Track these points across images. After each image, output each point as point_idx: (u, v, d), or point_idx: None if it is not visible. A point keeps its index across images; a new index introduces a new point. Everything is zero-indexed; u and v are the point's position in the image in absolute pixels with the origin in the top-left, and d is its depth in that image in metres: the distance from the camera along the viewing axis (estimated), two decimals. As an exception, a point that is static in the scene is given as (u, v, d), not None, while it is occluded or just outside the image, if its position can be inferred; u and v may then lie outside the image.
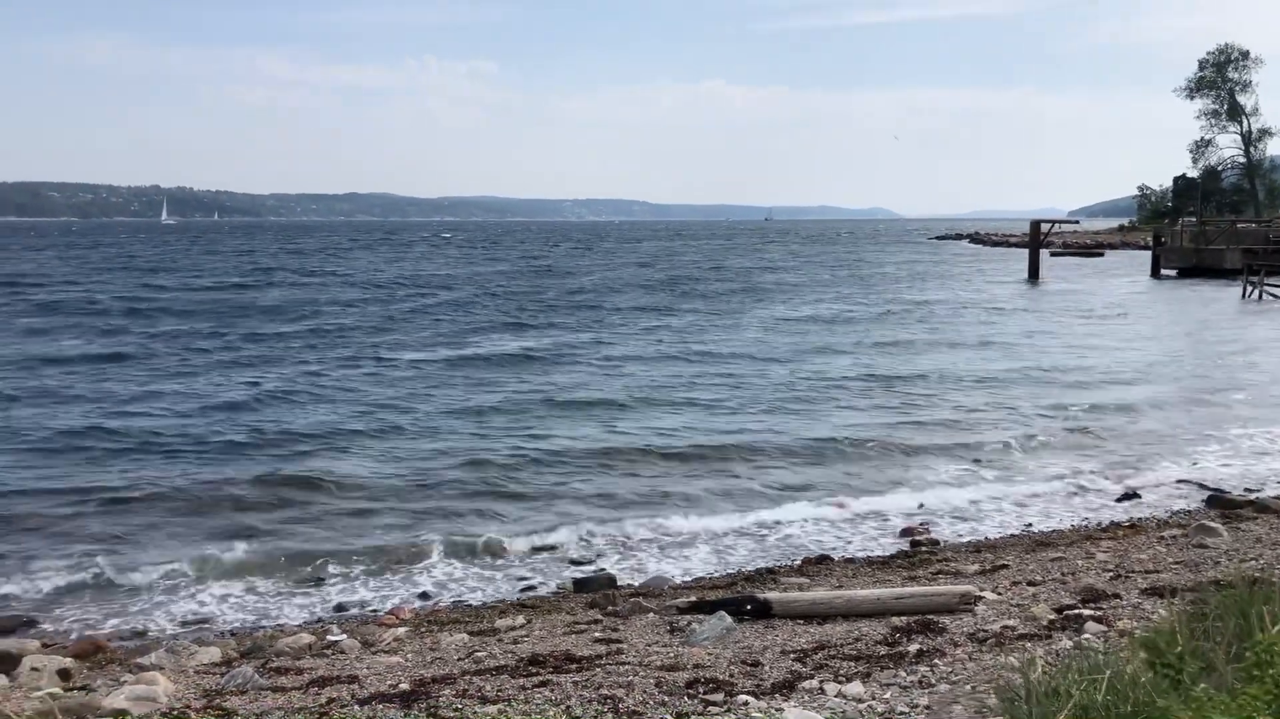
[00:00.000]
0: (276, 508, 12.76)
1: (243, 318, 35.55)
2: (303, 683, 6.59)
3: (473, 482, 13.93)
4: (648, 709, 5.38)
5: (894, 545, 11.53)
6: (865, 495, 13.51)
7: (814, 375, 23.11)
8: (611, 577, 10.47)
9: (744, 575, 10.29)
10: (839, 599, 7.73)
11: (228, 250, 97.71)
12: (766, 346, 28.43)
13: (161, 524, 12.11)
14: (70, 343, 28.68)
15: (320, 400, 19.89)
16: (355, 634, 8.49)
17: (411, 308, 39.77)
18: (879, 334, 31.45)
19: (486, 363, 25.15)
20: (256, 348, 27.94)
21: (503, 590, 10.34)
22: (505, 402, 19.72)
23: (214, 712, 5.88)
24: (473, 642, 7.80)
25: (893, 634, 6.76)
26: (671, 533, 12.02)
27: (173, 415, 18.28)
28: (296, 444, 16.06)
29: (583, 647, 7.15)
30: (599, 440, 16.39)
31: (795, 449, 15.90)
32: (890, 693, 5.46)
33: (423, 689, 6.01)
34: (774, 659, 6.37)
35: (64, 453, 15.42)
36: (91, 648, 8.44)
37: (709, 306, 40.93)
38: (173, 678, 7.01)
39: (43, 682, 7.40)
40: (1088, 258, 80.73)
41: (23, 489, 13.36)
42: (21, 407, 19.01)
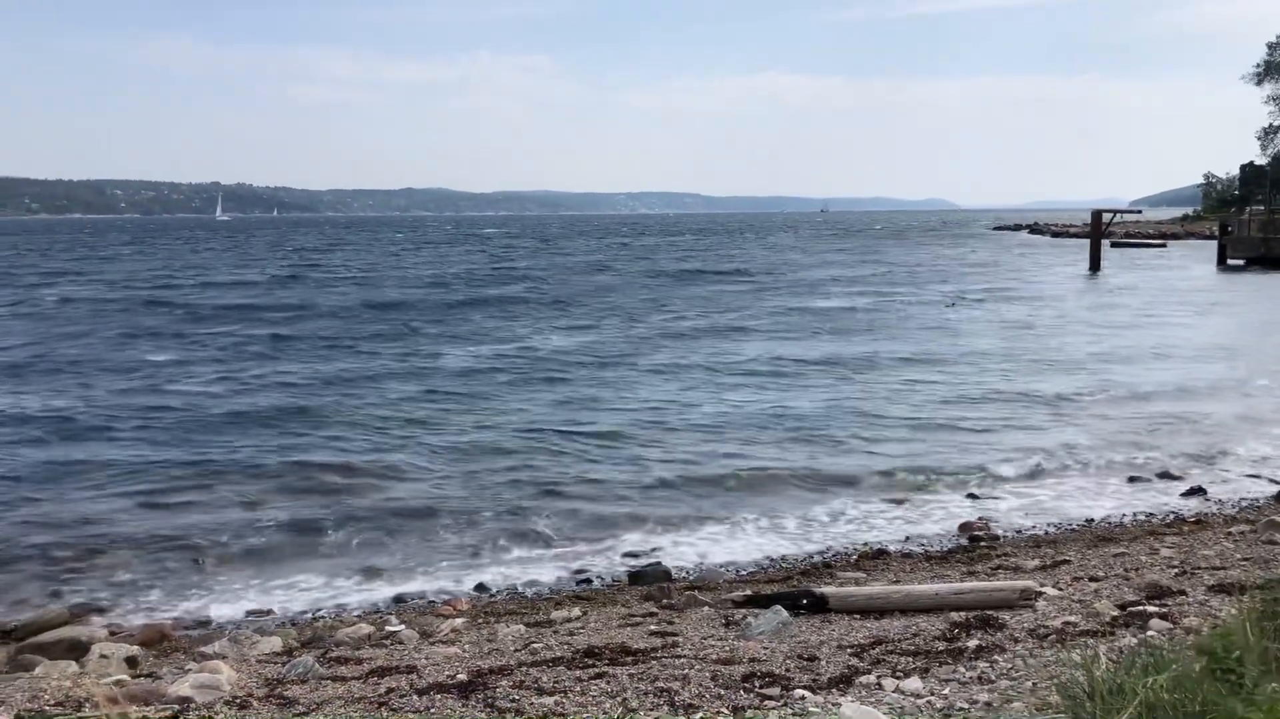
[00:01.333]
0: (335, 499, 12.92)
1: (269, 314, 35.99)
2: (362, 673, 6.67)
3: (528, 474, 14.00)
4: (704, 702, 5.38)
5: (952, 540, 11.41)
6: (923, 489, 13.38)
7: (866, 364, 22.94)
8: (667, 570, 10.47)
9: (800, 570, 10.24)
10: (897, 594, 7.66)
11: (260, 245, 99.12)
12: (830, 339, 28.25)
13: (223, 515, 12.32)
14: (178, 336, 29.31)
15: (373, 394, 20.10)
16: (413, 625, 8.59)
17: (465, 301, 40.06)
18: (942, 323, 31.06)
19: (550, 357, 25.25)
20: (307, 340, 28.34)
21: (558, 582, 10.38)
22: (562, 395, 19.81)
23: (275, 701, 5.97)
24: (529, 633, 7.84)
25: (951, 630, 6.68)
26: (726, 527, 11.99)
27: (228, 403, 18.62)
28: (352, 436, 16.26)
29: (638, 639, 7.15)
30: (652, 433, 16.40)
31: (851, 442, 15.79)
32: (949, 689, 5.40)
33: (480, 680, 6.05)
34: (831, 654, 6.33)
35: (131, 444, 15.76)
36: (157, 636, 8.62)
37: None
38: (235, 667, 7.12)
39: (111, 668, 7.58)
40: (1150, 248, 79.16)
41: (88, 480, 13.68)
42: (82, 396, 19.46)
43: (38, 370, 23.28)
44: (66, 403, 19.18)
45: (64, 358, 25.12)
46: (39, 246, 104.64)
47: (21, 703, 6.29)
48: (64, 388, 20.87)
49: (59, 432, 16.66)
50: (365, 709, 5.59)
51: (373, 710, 5.54)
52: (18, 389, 20.73)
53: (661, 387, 20.80)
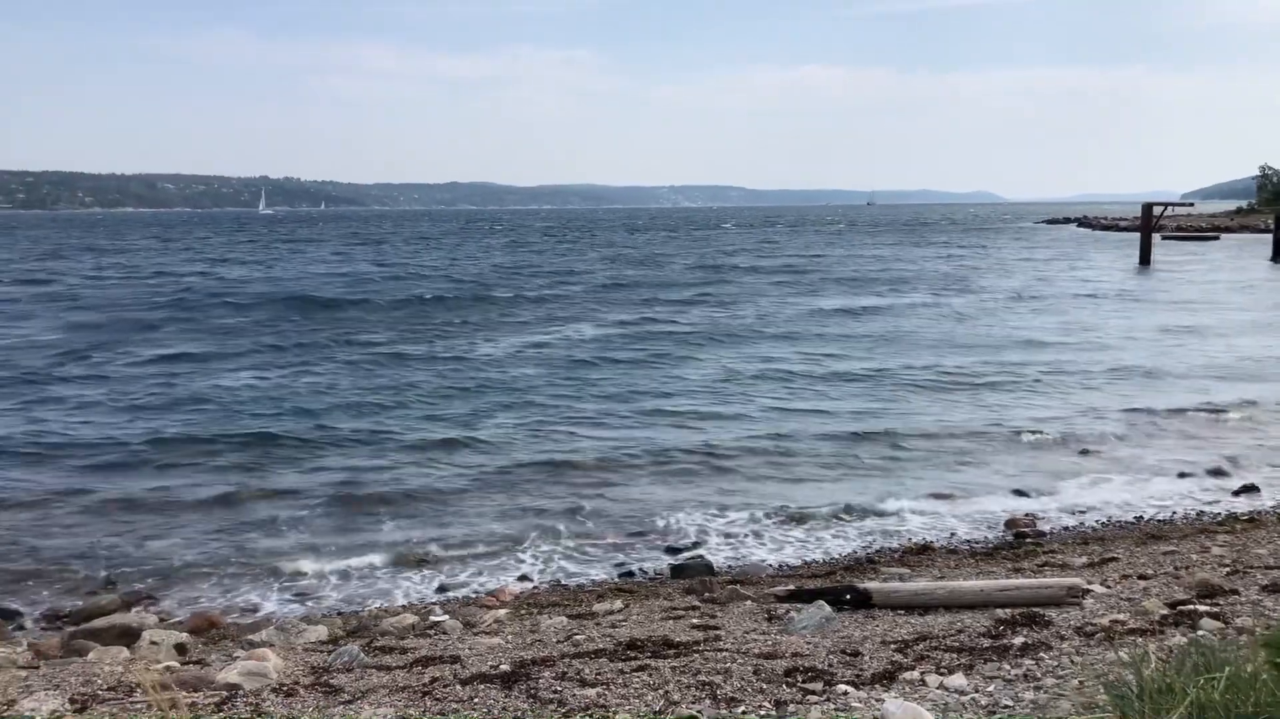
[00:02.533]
0: (380, 491, 13.04)
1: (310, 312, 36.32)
2: (406, 662, 6.72)
3: (571, 468, 14.05)
4: (746, 696, 5.36)
5: (998, 536, 11.30)
6: (969, 484, 13.27)
7: (922, 364, 22.76)
8: (709, 564, 10.46)
9: (843, 565, 10.19)
10: (941, 590, 7.60)
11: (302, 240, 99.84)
12: (875, 336, 28.08)
13: (272, 505, 12.50)
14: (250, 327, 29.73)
15: (420, 387, 20.25)
16: (457, 615, 8.65)
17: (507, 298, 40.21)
18: (1001, 322, 30.61)
19: (596, 350, 25.30)
20: (345, 341, 28.58)
21: (600, 575, 10.42)
22: (605, 389, 19.85)
23: (321, 689, 6.03)
24: (571, 625, 7.87)
25: (996, 626, 6.61)
26: (769, 521, 11.96)
27: (272, 399, 18.85)
28: (397, 430, 16.39)
29: (680, 632, 7.15)
30: (697, 427, 16.39)
31: (895, 438, 15.67)
32: (994, 686, 5.34)
33: (523, 671, 6.08)
34: (874, 649, 6.29)
35: (183, 433, 16.01)
36: (206, 624, 8.76)
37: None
38: (282, 655, 7.21)
39: (161, 655, 7.71)
40: (1202, 242, 77.84)
41: (141, 470, 13.92)
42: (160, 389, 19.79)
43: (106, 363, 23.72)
44: (126, 394, 19.54)
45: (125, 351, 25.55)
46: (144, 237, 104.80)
47: (75, 687, 6.42)
48: (126, 381, 21.25)
49: (114, 423, 16.95)
50: (409, 698, 5.63)
51: (417, 700, 5.58)
52: (85, 379, 21.14)
53: (709, 385, 20.77)
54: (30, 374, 21.75)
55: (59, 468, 14.04)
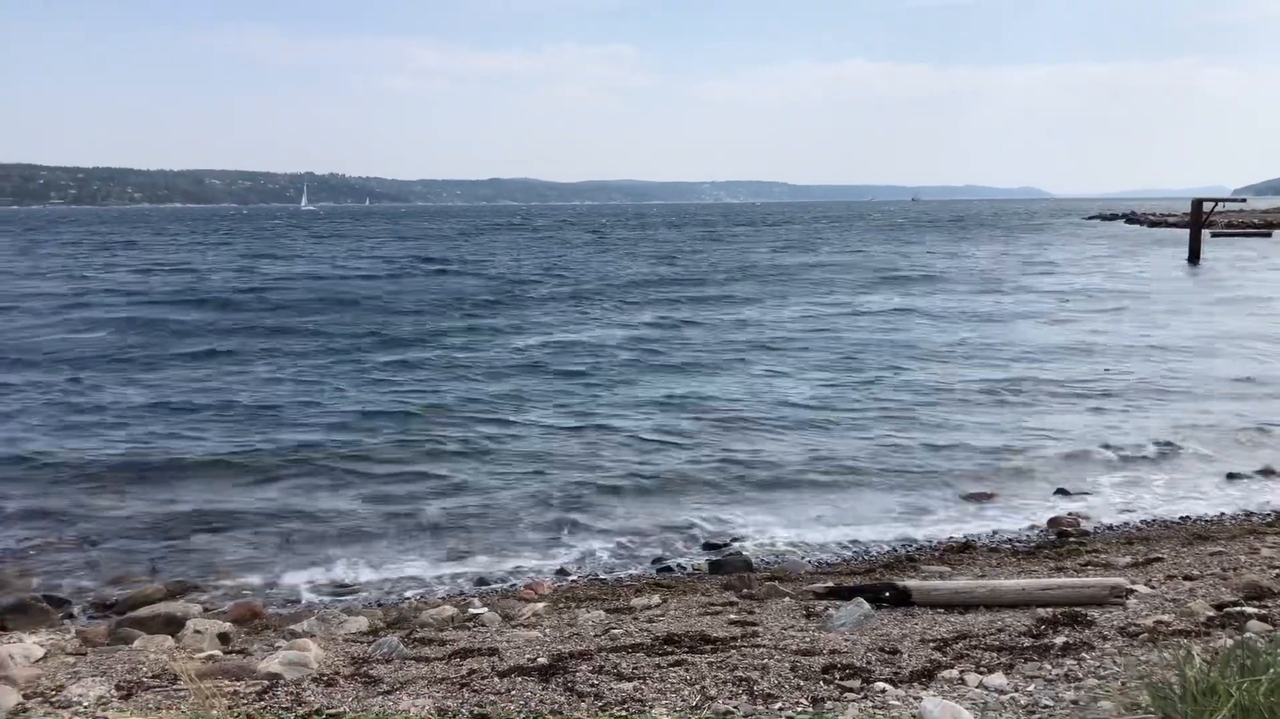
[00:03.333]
0: (420, 484, 13.14)
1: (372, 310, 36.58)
2: (445, 654, 6.77)
3: (609, 461, 14.10)
4: (783, 693, 5.35)
5: (1040, 535, 11.18)
6: (1011, 483, 13.14)
7: (967, 358, 22.56)
8: (747, 559, 10.45)
9: (882, 563, 10.13)
10: (982, 589, 7.53)
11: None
12: (919, 335, 27.88)
13: (312, 498, 12.63)
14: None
15: (461, 379, 20.39)
16: (495, 608, 8.69)
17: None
18: (1044, 323, 30.15)
19: (632, 347, 25.33)
20: (395, 330, 28.81)
21: (638, 570, 10.43)
22: (642, 385, 19.88)
23: (361, 679, 6.09)
24: (609, 619, 7.89)
25: (1038, 626, 6.54)
26: (808, 518, 11.91)
27: (318, 392, 19.06)
28: (439, 420, 16.51)
29: (718, 628, 7.14)
30: (733, 422, 16.36)
31: (937, 434, 15.56)
32: (1034, 685, 5.29)
33: (560, 664, 6.10)
34: (913, 647, 6.24)
35: (236, 422, 16.22)
36: (248, 613, 8.87)
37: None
38: (323, 645, 7.29)
39: (204, 644, 7.82)
40: (1255, 238, 76.36)
41: (185, 462, 14.13)
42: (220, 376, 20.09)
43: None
44: (171, 388, 19.85)
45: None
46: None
47: (122, 674, 6.53)
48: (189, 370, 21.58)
49: (156, 415, 17.21)
50: (448, 690, 5.67)
51: (455, 691, 5.62)
52: (132, 371, 21.50)
53: (753, 378, 20.73)
54: (80, 364, 22.17)
55: (105, 459, 14.26)
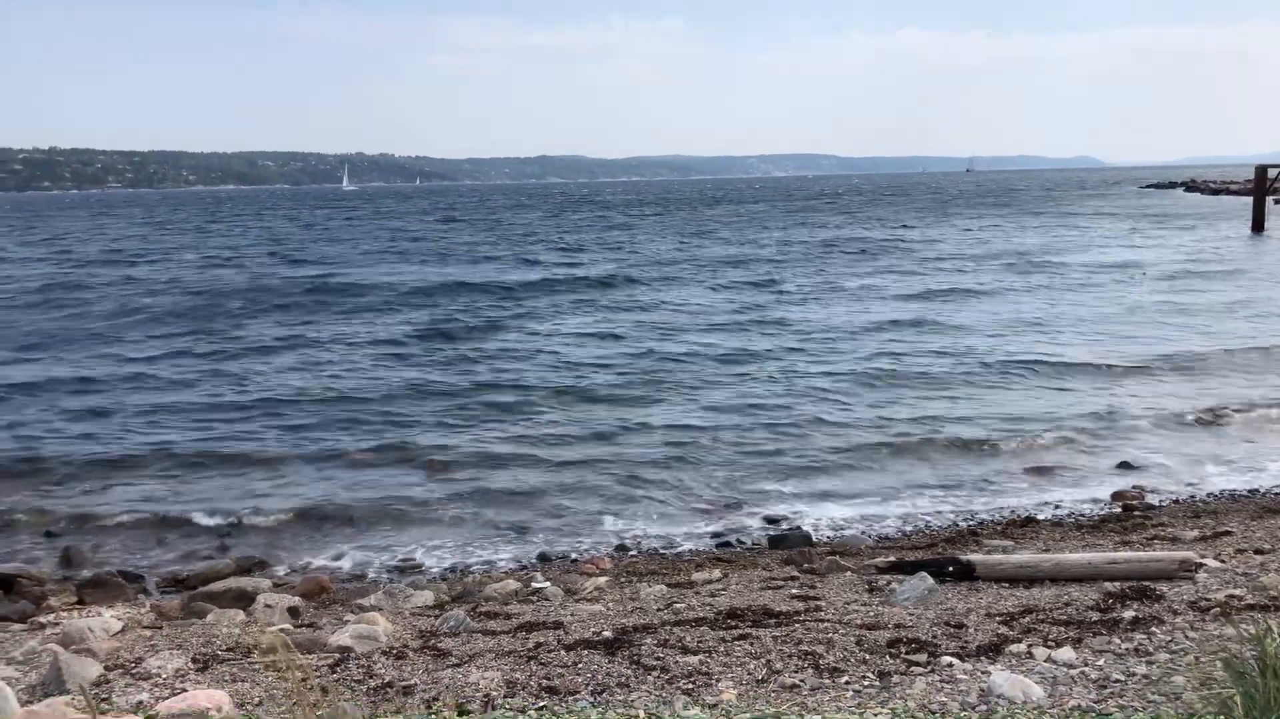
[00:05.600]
0: (480, 459, 13.27)
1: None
2: (511, 627, 6.86)
3: (670, 437, 14.11)
4: (849, 667, 5.35)
5: (1104, 509, 11.05)
6: (1073, 455, 12.98)
7: (1036, 329, 22.28)
8: (807, 534, 10.44)
9: (944, 537, 10.07)
10: (1047, 563, 7.47)
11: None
12: (986, 309, 27.55)
13: (376, 474, 12.82)
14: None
15: (523, 358, 20.52)
16: (558, 582, 8.79)
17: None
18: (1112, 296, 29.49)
19: (688, 325, 25.33)
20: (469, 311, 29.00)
21: (697, 545, 10.46)
22: (697, 362, 19.87)
23: (430, 652, 6.19)
24: (671, 593, 7.93)
25: (1105, 600, 6.48)
26: (869, 492, 11.87)
27: (393, 371, 19.29)
28: (499, 395, 16.64)
29: (780, 602, 7.16)
30: (795, 398, 16.32)
31: (998, 407, 15.40)
32: (1104, 660, 5.25)
33: (625, 638, 6.16)
34: (978, 622, 6.22)
35: (292, 409, 16.49)
36: (316, 588, 9.04)
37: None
38: (391, 619, 7.41)
39: (274, 618, 7.98)
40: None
41: (253, 440, 14.39)
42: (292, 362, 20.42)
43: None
44: (244, 367, 20.21)
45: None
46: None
47: (197, 647, 6.70)
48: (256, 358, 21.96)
49: (231, 397, 17.52)
50: (515, 663, 5.75)
51: (522, 664, 5.69)
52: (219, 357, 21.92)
53: (806, 353, 20.65)
54: (156, 343, 22.64)
55: (178, 437, 14.57)
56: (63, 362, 21.07)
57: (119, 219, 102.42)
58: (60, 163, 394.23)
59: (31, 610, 8.67)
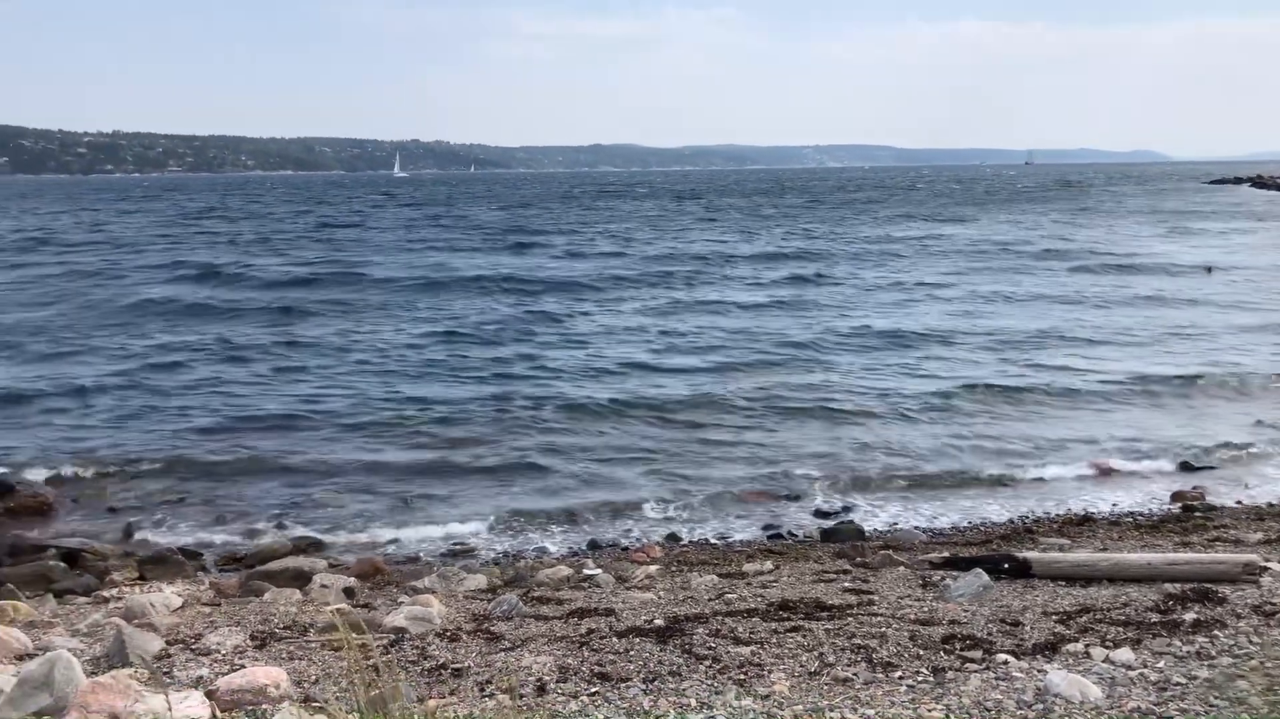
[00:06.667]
0: (532, 446, 13.33)
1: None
2: (563, 613, 6.90)
3: (716, 428, 14.09)
4: (902, 662, 5.32)
5: (1163, 509, 10.86)
6: (1132, 454, 12.76)
7: (1092, 327, 21.92)
8: (859, 528, 10.38)
9: (998, 534, 9.96)
10: (1105, 562, 7.36)
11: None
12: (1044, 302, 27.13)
13: (428, 457, 12.93)
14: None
15: (575, 346, 20.59)
16: (609, 569, 8.82)
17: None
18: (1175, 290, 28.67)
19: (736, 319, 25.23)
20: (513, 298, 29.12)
21: (748, 535, 10.45)
22: (750, 352, 19.81)
23: (483, 635, 6.25)
24: (722, 583, 7.93)
25: (1165, 601, 6.37)
26: (920, 487, 11.77)
27: (442, 353, 19.44)
28: (545, 392, 16.68)
29: (833, 595, 7.13)
30: (845, 393, 16.21)
31: (1054, 404, 15.19)
32: (1164, 662, 5.16)
33: (677, 626, 6.16)
34: (1035, 620, 6.15)
35: (350, 395, 16.69)
36: (371, 569, 9.14)
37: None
38: (444, 601, 7.49)
39: (330, 598, 8.09)
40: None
41: (309, 422, 14.58)
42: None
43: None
44: (307, 352, 20.48)
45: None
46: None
47: (254, 625, 6.81)
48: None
49: (292, 382, 17.76)
50: (568, 648, 5.78)
51: (574, 650, 5.72)
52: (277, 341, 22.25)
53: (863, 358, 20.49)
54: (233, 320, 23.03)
55: (236, 418, 14.80)
56: (130, 345, 21.49)
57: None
58: (123, 146, 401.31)
59: (95, 584, 8.87)
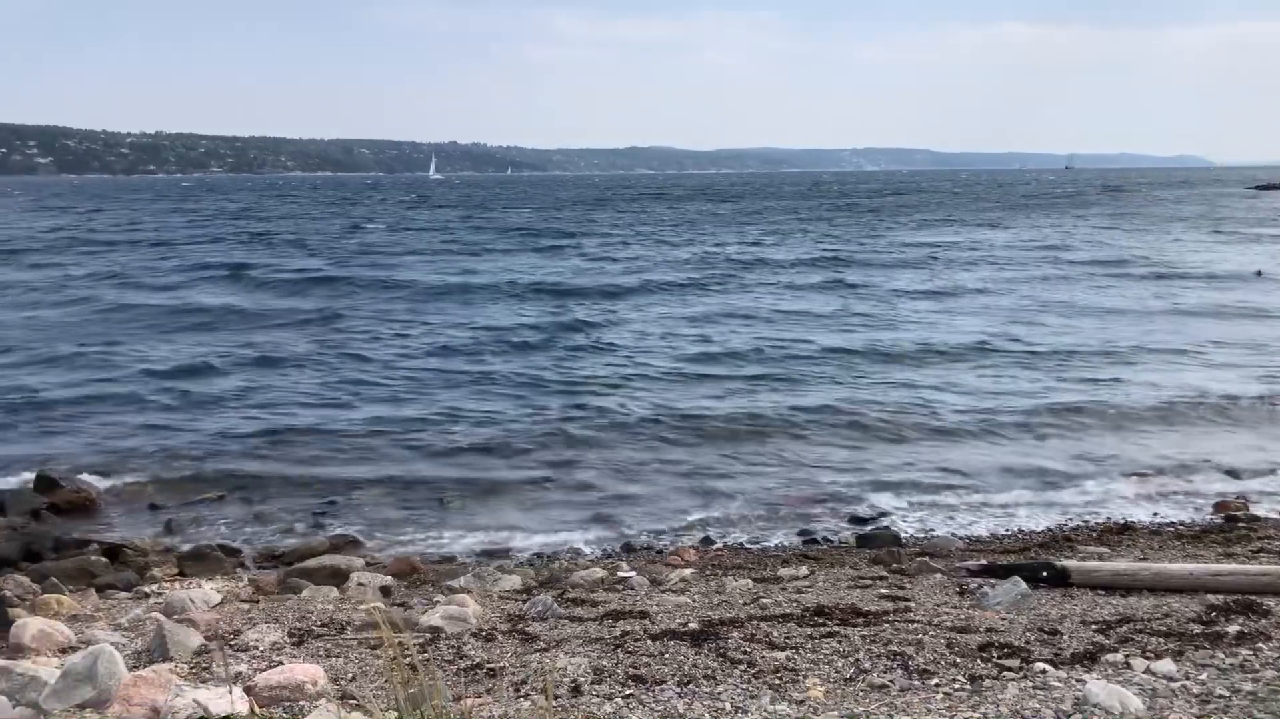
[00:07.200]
0: (567, 449, 13.37)
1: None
2: (597, 615, 6.91)
3: (750, 435, 14.03)
4: (939, 669, 5.28)
5: (1206, 519, 10.70)
6: (1174, 463, 12.59)
7: (1133, 336, 21.67)
8: (895, 534, 10.32)
9: (1036, 541, 9.86)
10: (1146, 572, 7.27)
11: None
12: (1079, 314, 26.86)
13: (464, 459, 13.00)
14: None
15: (608, 352, 20.62)
16: (644, 572, 8.82)
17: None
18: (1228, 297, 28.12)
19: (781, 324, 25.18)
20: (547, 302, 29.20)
21: (783, 540, 10.41)
22: (784, 360, 19.76)
23: (518, 636, 6.27)
24: (757, 588, 7.91)
25: (1208, 612, 6.29)
26: (959, 494, 11.68)
27: (482, 357, 19.54)
28: (589, 390, 16.73)
29: (869, 602, 7.09)
30: (882, 399, 16.12)
31: (1098, 416, 15.00)
32: (1206, 674, 5.10)
33: (711, 630, 6.15)
34: (1073, 629, 6.09)
35: (392, 395, 16.80)
36: (407, 568, 9.20)
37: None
38: (479, 601, 7.52)
39: (367, 596, 8.16)
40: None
41: (347, 423, 14.70)
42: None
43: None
44: (345, 358, 20.67)
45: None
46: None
47: (292, 622, 6.88)
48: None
49: (332, 381, 17.91)
50: (602, 650, 5.79)
51: (609, 652, 5.73)
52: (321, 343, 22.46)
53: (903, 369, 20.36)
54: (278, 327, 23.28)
55: (274, 422, 14.94)
56: (180, 344, 21.77)
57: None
58: (165, 147, 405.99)
59: (136, 580, 8.99)
